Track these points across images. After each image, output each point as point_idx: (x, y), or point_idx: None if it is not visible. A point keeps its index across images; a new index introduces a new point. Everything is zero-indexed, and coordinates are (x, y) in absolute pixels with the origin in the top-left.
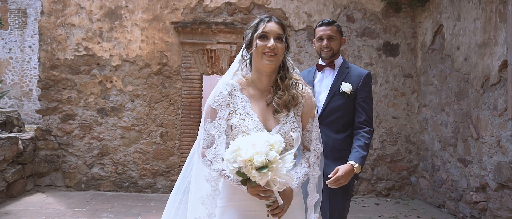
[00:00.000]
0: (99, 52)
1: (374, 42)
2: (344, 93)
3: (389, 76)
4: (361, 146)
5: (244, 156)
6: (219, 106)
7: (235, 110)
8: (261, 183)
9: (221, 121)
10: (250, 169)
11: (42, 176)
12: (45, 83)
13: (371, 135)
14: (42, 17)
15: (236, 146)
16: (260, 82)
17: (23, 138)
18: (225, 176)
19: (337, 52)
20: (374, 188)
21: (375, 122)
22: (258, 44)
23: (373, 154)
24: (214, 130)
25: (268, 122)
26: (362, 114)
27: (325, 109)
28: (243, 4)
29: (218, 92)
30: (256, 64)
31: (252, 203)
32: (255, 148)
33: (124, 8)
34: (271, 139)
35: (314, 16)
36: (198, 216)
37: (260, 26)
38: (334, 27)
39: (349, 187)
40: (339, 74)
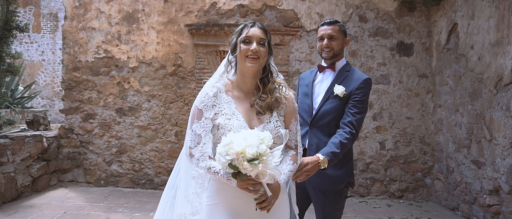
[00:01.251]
0: (117, 54)
1: (387, 42)
2: (337, 96)
3: (403, 76)
4: (335, 143)
5: (236, 149)
6: (205, 106)
7: (221, 110)
8: (252, 174)
9: (207, 120)
10: (242, 161)
11: (65, 172)
12: (68, 84)
13: (351, 137)
14: (66, 22)
15: (229, 140)
16: (245, 84)
17: (48, 136)
18: (215, 173)
19: (339, 52)
20: (387, 189)
21: (388, 122)
22: (241, 48)
23: (386, 155)
24: (200, 129)
25: (253, 122)
26: (348, 116)
27: (319, 111)
28: (255, 6)
29: (204, 94)
30: (241, 67)
31: (239, 201)
32: (247, 141)
33: (141, 12)
34: (261, 134)
35: (326, 17)
36: (183, 212)
37: (244, 31)
38: (336, 27)
39: (341, 193)
40: (338, 77)
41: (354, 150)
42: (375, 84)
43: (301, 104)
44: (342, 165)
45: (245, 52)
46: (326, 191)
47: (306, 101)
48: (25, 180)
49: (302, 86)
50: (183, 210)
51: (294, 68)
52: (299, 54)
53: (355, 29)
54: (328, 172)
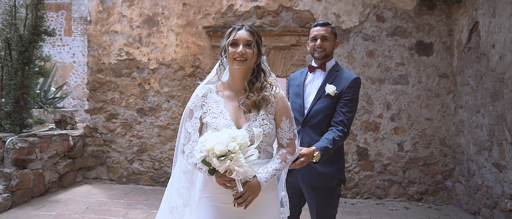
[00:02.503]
0: (138, 56)
1: (406, 41)
2: (328, 95)
3: (422, 76)
4: (329, 139)
5: (207, 146)
6: (195, 107)
7: (209, 109)
8: (220, 170)
9: (195, 120)
10: (212, 157)
11: (89, 170)
12: (92, 85)
13: (343, 135)
14: (90, 26)
15: (204, 138)
16: (235, 84)
17: (74, 135)
18: (199, 169)
19: (330, 53)
20: (405, 191)
21: (406, 123)
22: (229, 51)
23: (404, 156)
24: (190, 128)
25: (240, 120)
26: (339, 115)
27: (310, 111)
28: (271, 7)
29: (195, 95)
30: (230, 68)
31: (225, 196)
32: (218, 139)
33: (161, 15)
34: (234, 132)
35: (343, 17)
36: (175, 204)
37: (231, 34)
38: (329, 29)
39: (334, 191)
40: (328, 77)
41: (371, 151)
42: (393, 84)
43: (293, 103)
44: (334, 162)
45: (233, 54)
46: (319, 189)
47: (297, 100)
48: (52, 176)
49: (293, 86)
50: (176, 202)
51: None
52: None
53: (372, 29)
54: (319, 170)
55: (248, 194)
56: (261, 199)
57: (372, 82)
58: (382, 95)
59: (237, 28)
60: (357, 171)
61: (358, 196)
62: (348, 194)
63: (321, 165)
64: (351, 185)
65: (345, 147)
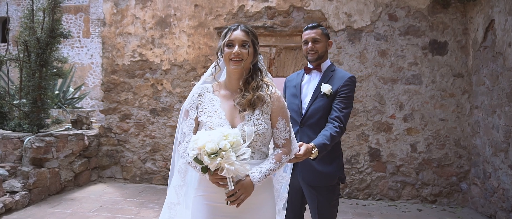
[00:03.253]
0: (151, 57)
1: (419, 40)
2: (324, 94)
3: (436, 76)
4: (326, 135)
5: (199, 144)
6: (191, 107)
7: (205, 108)
8: (211, 167)
9: (190, 120)
10: (203, 155)
11: (104, 169)
12: (107, 86)
13: (340, 131)
14: (105, 28)
15: (196, 137)
16: (231, 84)
17: (89, 134)
18: (194, 167)
19: (323, 54)
20: (419, 193)
21: (420, 124)
22: (225, 51)
23: (417, 157)
24: (185, 128)
25: (235, 120)
26: (335, 112)
27: (308, 111)
28: (282, 7)
29: (191, 95)
30: (227, 68)
31: (219, 195)
32: (210, 137)
33: (173, 16)
34: (226, 131)
35: (354, 16)
36: (171, 201)
37: (227, 34)
38: (319, 30)
39: (334, 189)
40: (324, 77)
41: (383, 152)
42: (405, 84)
43: (290, 104)
44: (332, 160)
45: (228, 55)
46: (319, 187)
47: (295, 101)
48: (68, 175)
49: (289, 88)
50: (172, 199)
51: None
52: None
53: (384, 28)
54: (319, 168)
55: (241, 193)
56: (255, 199)
57: (384, 82)
58: (394, 95)
59: (232, 28)
60: (369, 172)
61: (370, 197)
62: (360, 195)
63: (320, 164)
64: (363, 186)
65: (357, 148)
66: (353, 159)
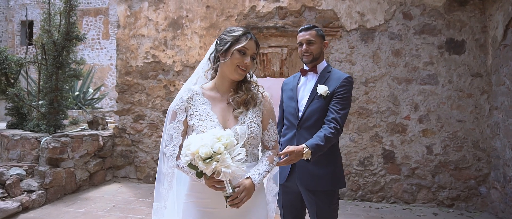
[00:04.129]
0: (164, 59)
1: (435, 39)
2: (321, 96)
3: (453, 76)
4: (320, 136)
5: (192, 149)
6: (179, 109)
7: (195, 111)
8: (207, 172)
9: (178, 123)
10: (197, 161)
11: (119, 169)
12: (121, 87)
13: (336, 132)
14: (119, 30)
15: (188, 142)
16: (223, 86)
17: (104, 135)
18: (187, 172)
19: (318, 56)
20: (435, 196)
21: (436, 125)
22: (235, 56)
23: (433, 160)
24: (172, 130)
25: (228, 122)
26: (332, 113)
27: (305, 113)
28: (293, 7)
29: (179, 97)
30: (225, 71)
31: (212, 201)
32: (202, 141)
33: (185, 18)
34: (218, 133)
35: (367, 15)
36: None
37: (242, 40)
38: (313, 32)
39: (333, 194)
40: (320, 78)
41: (397, 154)
42: (421, 84)
43: (287, 107)
44: (328, 163)
45: (238, 62)
46: (318, 192)
47: (291, 104)
48: (83, 175)
49: (286, 91)
50: (159, 202)
51: None
52: (339, 55)
53: (398, 27)
54: (315, 171)
55: (244, 195)
56: (249, 202)
57: (398, 83)
58: (409, 95)
59: (249, 36)
60: (383, 175)
61: (384, 200)
62: (373, 198)
63: (316, 166)
64: (376, 188)
65: (370, 150)
66: (366, 161)
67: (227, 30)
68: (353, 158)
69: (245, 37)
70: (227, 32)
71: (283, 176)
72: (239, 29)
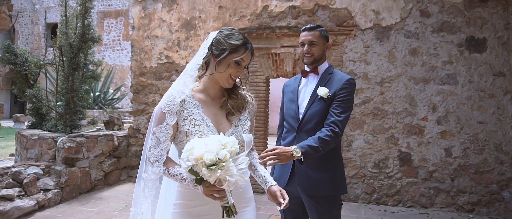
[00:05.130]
0: (177, 59)
1: (454, 37)
2: (321, 98)
3: (474, 75)
4: (314, 138)
5: (195, 154)
6: (169, 111)
7: (189, 116)
8: (210, 180)
9: (168, 126)
10: (201, 167)
11: (133, 169)
12: (135, 88)
13: (333, 135)
14: (133, 32)
15: (190, 146)
16: (214, 90)
17: (118, 135)
18: (183, 179)
19: (320, 57)
20: (454, 201)
21: (455, 127)
22: (231, 65)
23: (452, 163)
24: (160, 133)
25: (221, 126)
26: (332, 116)
27: (305, 115)
28: (307, 6)
29: (171, 98)
30: (217, 77)
31: (207, 208)
32: (207, 147)
33: (198, 19)
34: (224, 139)
35: (383, 14)
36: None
37: (241, 51)
38: (317, 32)
39: (335, 200)
40: (321, 80)
41: (414, 157)
42: (439, 84)
43: (288, 110)
44: (329, 168)
45: (233, 72)
46: (318, 197)
47: (292, 107)
48: (98, 174)
49: (287, 93)
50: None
51: (348, 69)
52: (353, 54)
53: (415, 25)
54: (313, 176)
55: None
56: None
57: (415, 83)
58: (427, 96)
59: (248, 48)
60: (399, 177)
61: (400, 204)
62: (388, 202)
63: (316, 171)
64: (392, 192)
65: (386, 152)
66: (381, 163)
67: (227, 33)
68: (368, 160)
69: (244, 48)
70: (226, 37)
71: (283, 180)
72: (239, 38)
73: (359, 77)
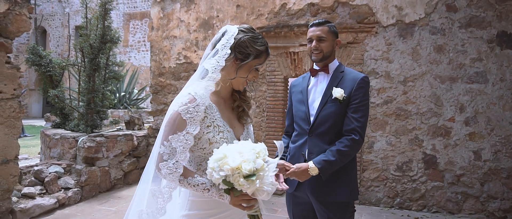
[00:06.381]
0: (195, 59)
1: (484, 33)
2: (336, 99)
3: (506, 73)
4: (332, 151)
5: (231, 164)
6: (191, 119)
7: (213, 122)
8: (248, 191)
9: (188, 136)
10: (238, 177)
11: None
12: (155, 88)
13: (354, 144)
14: (152, 32)
15: (222, 154)
16: (225, 91)
17: (138, 135)
18: (205, 190)
19: (329, 54)
20: (484, 207)
21: (485, 128)
22: (252, 72)
23: (482, 167)
24: (177, 143)
25: (235, 130)
26: (352, 122)
27: (317, 117)
28: (326, 3)
29: (193, 104)
30: (225, 79)
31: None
32: (243, 156)
33: (216, 18)
34: (256, 147)
35: (406, 9)
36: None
37: (263, 56)
38: (325, 28)
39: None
40: (332, 79)
41: (440, 159)
42: (467, 83)
43: (297, 112)
44: (342, 172)
45: (251, 75)
46: (329, 203)
47: (301, 108)
48: (117, 173)
49: (295, 94)
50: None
51: (369, 68)
52: (375, 52)
53: (441, 21)
54: (326, 181)
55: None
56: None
57: (441, 81)
58: (454, 95)
59: (268, 54)
60: (423, 181)
61: (425, 209)
62: (412, 206)
63: (334, 179)
64: (416, 196)
65: (409, 154)
66: (404, 166)
67: (251, 37)
68: (390, 162)
69: (266, 54)
70: (252, 42)
71: (293, 185)
72: (263, 43)
73: (381, 76)
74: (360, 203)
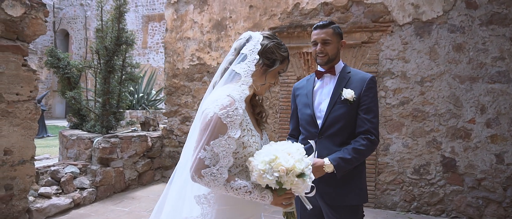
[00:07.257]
0: (208, 60)
1: (506, 30)
2: (346, 101)
3: None
4: (348, 149)
5: (285, 165)
6: (232, 123)
7: (247, 126)
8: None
9: (230, 140)
10: (292, 177)
11: (167, 169)
12: (169, 90)
13: (370, 143)
14: (166, 34)
15: (272, 156)
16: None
17: (152, 136)
18: (247, 192)
19: (334, 57)
20: (507, 213)
21: (508, 130)
22: (276, 77)
23: (505, 170)
24: (219, 148)
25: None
26: (365, 124)
27: (326, 119)
28: (340, 2)
29: (233, 107)
30: (256, 84)
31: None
32: (293, 157)
33: (229, 19)
34: (300, 147)
35: (423, 7)
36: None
37: (286, 62)
38: (330, 30)
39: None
40: (340, 80)
41: (459, 163)
42: (488, 83)
43: (303, 115)
44: (352, 175)
45: (273, 80)
46: (338, 207)
47: (307, 111)
48: (132, 174)
49: (301, 96)
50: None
51: (384, 68)
52: (390, 52)
53: (460, 19)
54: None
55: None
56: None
57: (460, 81)
58: (474, 96)
59: (289, 59)
60: (442, 185)
61: (444, 214)
62: (430, 211)
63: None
64: (434, 200)
65: (427, 157)
66: (422, 169)
67: (277, 43)
68: (407, 165)
69: (288, 60)
70: (277, 48)
71: None
72: (285, 48)
73: (396, 76)
74: (376, 207)
